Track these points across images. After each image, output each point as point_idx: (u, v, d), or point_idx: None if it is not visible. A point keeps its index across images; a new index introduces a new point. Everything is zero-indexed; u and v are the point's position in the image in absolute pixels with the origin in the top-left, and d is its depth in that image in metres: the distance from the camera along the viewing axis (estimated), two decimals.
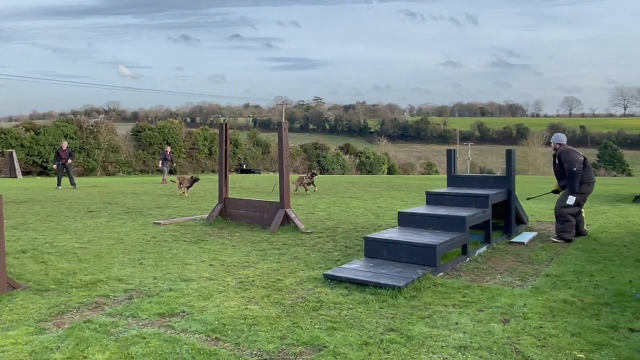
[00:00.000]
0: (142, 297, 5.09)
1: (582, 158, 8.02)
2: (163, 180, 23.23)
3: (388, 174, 55.94)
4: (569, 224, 7.85)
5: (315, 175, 16.38)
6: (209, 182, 21.84)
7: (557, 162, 8.20)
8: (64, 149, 19.93)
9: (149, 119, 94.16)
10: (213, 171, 42.65)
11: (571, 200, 7.85)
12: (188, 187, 15.74)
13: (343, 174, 50.81)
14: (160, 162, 24.23)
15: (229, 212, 10.12)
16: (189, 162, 44.55)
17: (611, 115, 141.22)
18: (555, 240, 7.82)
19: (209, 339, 4.05)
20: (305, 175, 16.58)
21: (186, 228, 9.45)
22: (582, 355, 3.66)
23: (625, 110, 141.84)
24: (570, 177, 7.84)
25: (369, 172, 55.32)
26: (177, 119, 65.94)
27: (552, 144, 8.41)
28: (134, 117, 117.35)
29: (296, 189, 16.41)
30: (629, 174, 66.78)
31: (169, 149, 25.60)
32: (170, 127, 44.26)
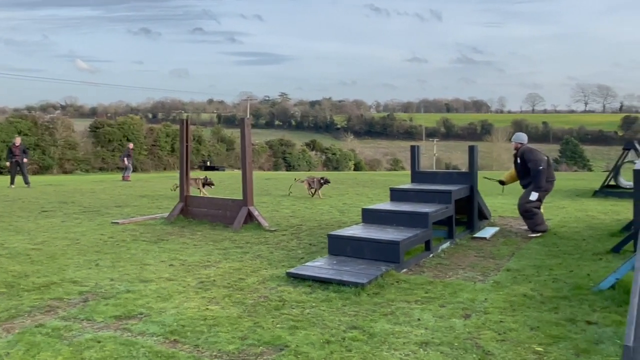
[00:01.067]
0: (98, 300, 4.97)
1: (546, 157, 8.31)
2: (125, 177, 22.76)
3: (354, 170, 56.31)
4: (537, 217, 8.13)
5: (327, 183, 14.55)
6: (170, 180, 21.51)
7: (519, 161, 8.40)
8: (17, 145, 19.25)
9: (108, 114, 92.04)
10: (176, 168, 42.01)
11: (534, 196, 8.08)
12: (199, 188, 14.67)
13: (309, 170, 50.84)
14: (125, 159, 23.69)
15: (191, 211, 9.99)
16: (151, 159, 43.77)
17: (572, 112, 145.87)
18: (533, 235, 8.08)
19: (167, 341, 3.98)
20: (315, 178, 14.69)
21: (146, 227, 9.28)
22: (541, 349, 3.77)
23: (585, 106, 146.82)
24: (536, 176, 8.07)
25: (336, 169, 55.56)
26: (137, 114, 64.62)
27: (513, 143, 8.62)
28: (93, 112, 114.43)
29: (310, 191, 14.71)
30: (590, 169, 69.08)
31: (131, 145, 25.15)
32: (130, 124, 43.35)
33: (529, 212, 8.11)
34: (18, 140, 19.70)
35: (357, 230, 6.76)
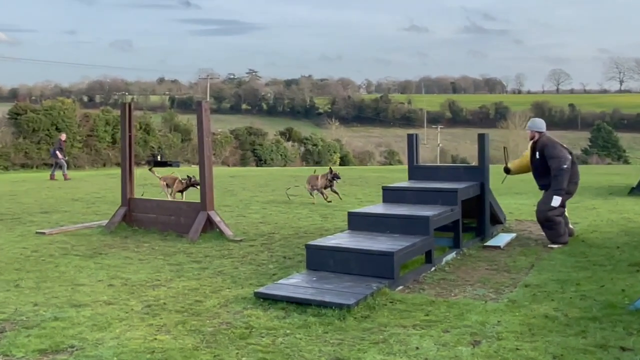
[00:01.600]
0: (18, 330, 4.92)
1: (570, 154, 8.29)
2: (64, 176, 22.53)
3: (340, 165, 56.46)
4: (559, 227, 8.08)
5: (337, 178, 13.31)
6: (110, 179, 21.32)
7: (537, 155, 8.33)
8: None
9: (33, 97, 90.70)
10: (117, 164, 41.69)
11: (556, 201, 8.02)
12: (181, 191, 13.39)
13: (285, 165, 50.87)
14: (58, 152, 23.34)
15: (136, 217, 9.94)
16: (86, 153, 43.32)
17: (605, 92, 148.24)
18: (554, 247, 8.03)
19: None
20: (322, 174, 13.59)
21: (79, 238, 9.20)
22: None
23: (621, 85, 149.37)
24: (559, 176, 8.01)
25: (317, 163, 55.65)
26: (69, 97, 63.87)
27: (529, 132, 8.54)
28: (12, 95, 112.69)
29: (311, 194, 13.67)
30: (626, 161, 70.39)
31: (63, 136, 24.78)
32: (60, 109, 42.83)
33: (550, 222, 8.07)
34: None
35: (342, 240, 6.77)
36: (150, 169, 15.79)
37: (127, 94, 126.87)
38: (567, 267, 6.89)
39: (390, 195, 8.23)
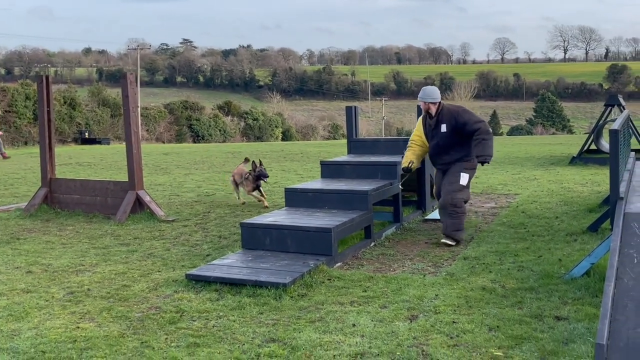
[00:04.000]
0: None
1: None
2: (3, 154, 21.63)
3: (283, 140, 56.34)
4: (462, 218, 7.03)
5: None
6: (32, 158, 20.65)
7: (443, 128, 7.08)
8: None
9: None
10: (36, 143, 40.37)
11: (464, 178, 7.01)
12: (255, 189, 9.94)
13: (224, 141, 50.39)
14: None
15: (58, 198, 9.69)
16: (5, 130, 41.74)
17: (550, 60, 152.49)
18: (447, 242, 6.92)
19: None
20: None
21: None
22: (500, 353, 3.95)
23: (565, 53, 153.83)
24: (489, 140, 6.91)
25: (259, 139, 55.34)
26: None
27: (422, 104, 7.25)
28: None
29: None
30: (570, 131, 72.76)
31: None
32: None
33: (455, 207, 6.94)
34: None
35: (279, 217, 6.78)
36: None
37: (49, 66, 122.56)
38: (506, 238, 7.11)
39: (329, 170, 8.26)
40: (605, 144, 15.48)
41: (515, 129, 72.34)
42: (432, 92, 7.22)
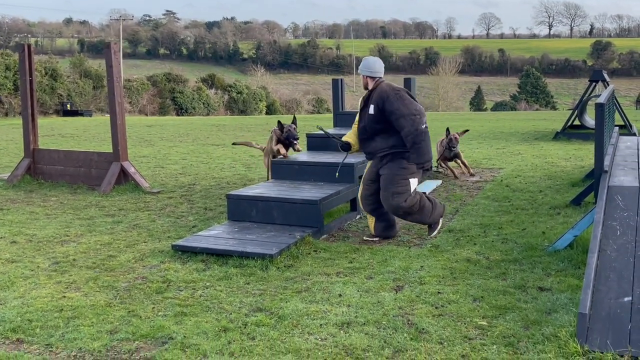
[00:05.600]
0: None
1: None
2: None
3: (267, 114, 56.06)
4: (423, 205, 5.99)
5: (454, 142, 9.47)
6: (13, 129, 20.41)
7: (371, 110, 5.95)
8: None
9: None
10: (21, 114, 39.85)
11: (413, 183, 5.90)
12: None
13: (208, 114, 50.05)
14: None
15: (42, 169, 9.61)
16: None
17: (534, 36, 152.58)
18: (434, 235, 6.17)
19: (7, 341, 3.86)
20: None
21: None
22: (484, 323, 4.01)
23: (550, 29, 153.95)
24: (418, 143, 5.76)
25: (242, 112, 55.02)
26: None
27: (362, 77, 6.15)
28: None
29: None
30: (553, 107, 73.10)
31: None
32: None
33: (409, 208, 5.87)
34: None
35: (265, 189, 6.79)
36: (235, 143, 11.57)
37: (29, 36, 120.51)
38: (491, 211, 7.18)
39: (315, 142, 8.26)
40: (588, 119, 15.60)
41: (499, 105, 72.49)
42: (370, 65, 6.08)
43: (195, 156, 12.96)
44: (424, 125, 5.81)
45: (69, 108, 42.77)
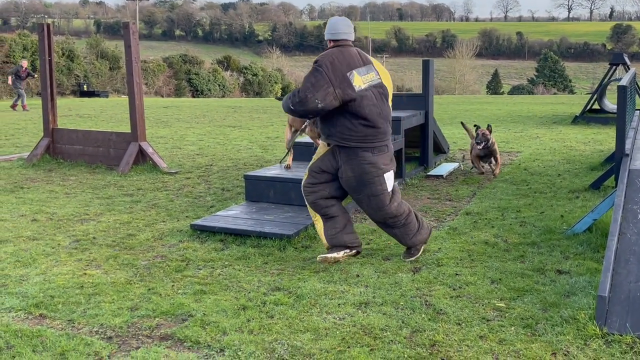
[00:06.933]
0: None
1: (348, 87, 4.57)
2: (14, 106, 21.46)
3: (283, 95, 56.00)
4: (409, 219, 4.85)
5: (481, 137, 8.18)
6: (31, 109, 20.57)
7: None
8: None
9: None
10: (39, 94, 40.09)
11: (389, 181, 4.74)
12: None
13: (223, 96, 50.09)
14: (11, 79, 21.89)
15: (61, 149, 9.68)
16: (2, 82, 41.42)
17: (553, 19, 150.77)
18: (409, 259, 4.88)
19: (30, 317, 3.92)
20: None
21: None
22: (502, 304, 4.01)
23: (569, 12, 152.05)
24: (286, 103, 4.71)
25: (258, 95, 55.01)
26: None
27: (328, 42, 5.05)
28: None
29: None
30: (571, 91, 72.37)
31: (25, 63, 22.88)
32: None
33: (400, 216, 4.81)
34: None
35: (283, 170, 6.79)
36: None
37: (46, 16, 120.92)
38: (509, 195, 7.15)
39: None
40: (608, 103, 15.44)
41: (516, 89, 71.87)
42: (331, 26, 5.01)
43: (211, 137, 13.00)
44: (293, 108, 4.60)
45: (85, 89, 42.97)
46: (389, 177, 4.74)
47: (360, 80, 4.62)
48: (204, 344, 3.52)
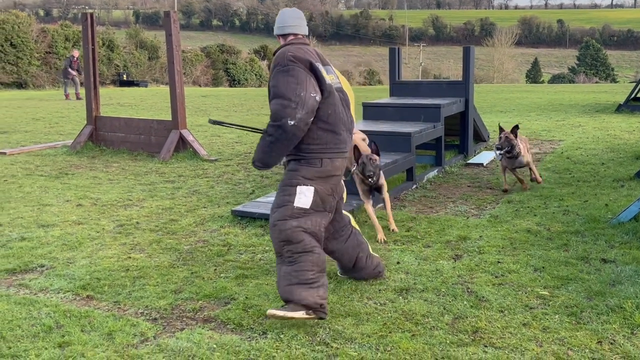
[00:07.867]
0: None
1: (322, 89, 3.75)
2: (67, 95, 21.89)
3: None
4: (306, 265, 3.66)
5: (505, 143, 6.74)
6: (74, 99, 20.94)
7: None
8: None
9: None
10: (80, 83, 40.78)
11: (300, 198, 3.75)
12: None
13: (260, 86, 50.29)
14: (69, 69, 22.21)
15: (103, 136, 9.84)
16: (45, 71, 42.27)
17: (596, 6, 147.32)
18: (276, 313, 3.50)
19: (78, 298, 4.02)
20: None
21: (43, 159, 9.13)
22: (546, 292, 3.96)
23: None
24: (270, 134, 3.67)
25: None
26: (24, 11, 61.65)
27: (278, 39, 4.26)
28: None
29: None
30: (613, 80, 70.73)
31: (76, 53, 23.00)
32: (14, 23, 41.38)
33: (294, 244, 3.68)
34: None
35: None
36: None
37: (87, 7, 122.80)
38: (551, 183, 7.04)
39: (371, 112, 8.21)
40: None
41: (557, 77, 70.51)
42: (279, 19, 4.20)
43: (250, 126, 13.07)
44: (294, 122, 3.57)
45: (125, 78, 43.58)
46: (303, 192, 3.73)
47: (327, 76, 3.85)
48: (247, 327, 3.56)
